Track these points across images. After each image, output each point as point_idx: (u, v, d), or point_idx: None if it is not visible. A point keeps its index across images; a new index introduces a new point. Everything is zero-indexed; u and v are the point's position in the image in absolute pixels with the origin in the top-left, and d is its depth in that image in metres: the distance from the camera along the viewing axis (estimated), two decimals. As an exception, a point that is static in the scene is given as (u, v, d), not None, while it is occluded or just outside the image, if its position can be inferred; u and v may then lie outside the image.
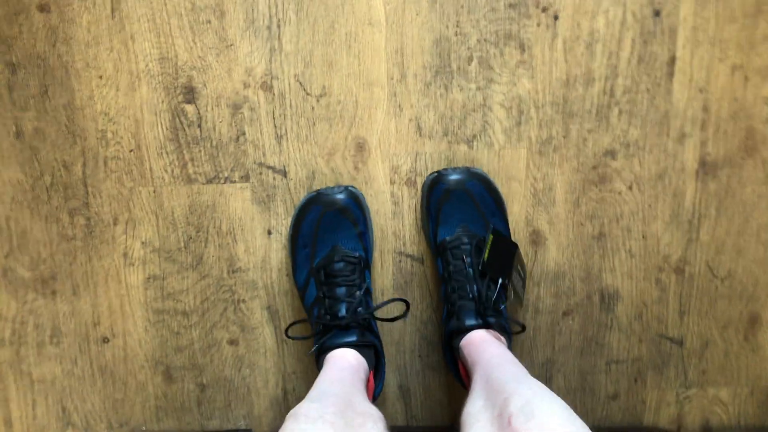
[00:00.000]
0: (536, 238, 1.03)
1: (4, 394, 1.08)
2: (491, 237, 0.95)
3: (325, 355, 0.92)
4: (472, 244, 0.95)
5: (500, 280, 0.95)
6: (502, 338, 0.93)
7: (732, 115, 0.98)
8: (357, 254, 0.96)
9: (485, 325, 0.92)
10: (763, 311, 1.07)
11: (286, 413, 1.09)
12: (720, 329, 1.08)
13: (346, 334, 0.92)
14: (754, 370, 1.10)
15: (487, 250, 0.94)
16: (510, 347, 0.94)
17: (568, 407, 0.66)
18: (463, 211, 0.97)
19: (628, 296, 1.06)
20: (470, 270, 0.94)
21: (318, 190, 0.98)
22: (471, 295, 0.94)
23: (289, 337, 0.96)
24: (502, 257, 0.97)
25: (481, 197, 0.97)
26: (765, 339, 1.08)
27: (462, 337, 0.93)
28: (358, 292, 0.94)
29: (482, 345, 0.89)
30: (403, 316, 0.95)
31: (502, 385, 0.73)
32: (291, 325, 0.96)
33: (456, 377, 1.01)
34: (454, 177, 0.97)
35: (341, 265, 0.95)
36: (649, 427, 1.11)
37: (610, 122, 0.98)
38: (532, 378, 0.75)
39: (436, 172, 0.98)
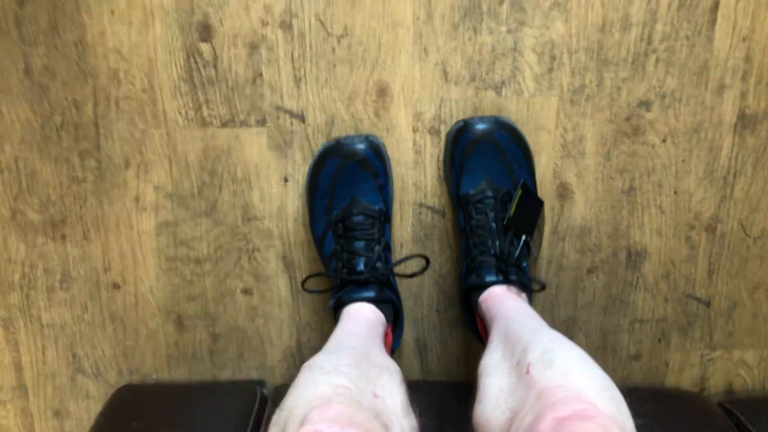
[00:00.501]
0: (563, 192, 0.99)
1: (14, 337, 1.06)
2: (520, 192, 0.91)
3: (342, 309, 0.89)
4: (496, 199, 0.91)
5: (524, 237, 0.91)
6: (523, 294, 0.90)
7: (776, 66, 0.93)
8: (377, 207, 0.93)
9: (506, 282, 0.89)
10: (795, 273, 1.03)
11: (300, 365, 1.07)
12: (750, 290, 1.04)
13: (365, 289, 0.90)
14: (782, 333, 1.07)
15: (514, 206, 0.91)
16: (530, 304, 0.91)
17: (587, 355, 0.64)
18: (488, 164, 0.93)
19: (656, 254, 1.02)
20: (493, 225, 0.91)
21: (337, 138, 0.94)
22: (492, 251, 0.91)
23: (306, 290, 0.93)
24: (528, 213, 0.93)
25: (508, 149, 0.93)
26: (796, 302, 1.05)
27: (481, 293, 0.90)
28: (377, 247, 0.91)
29: (501, 299, 0.86)
30: (422, 272, 0.92)
31: (520, 336, 0.70)
32: (308, 278, 0.93)
33: (473, 332, 0.98)
34: (481, 127, 0.92)
35: (360, 218, 0.91)
36: (672, 387, 1.08)
37: (646, 71, 0.93)
38: (551, 328, 0.73)
39: (463, 120, 0.93)
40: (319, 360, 0.68)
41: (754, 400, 1.06)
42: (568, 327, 1.06)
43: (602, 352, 1.07)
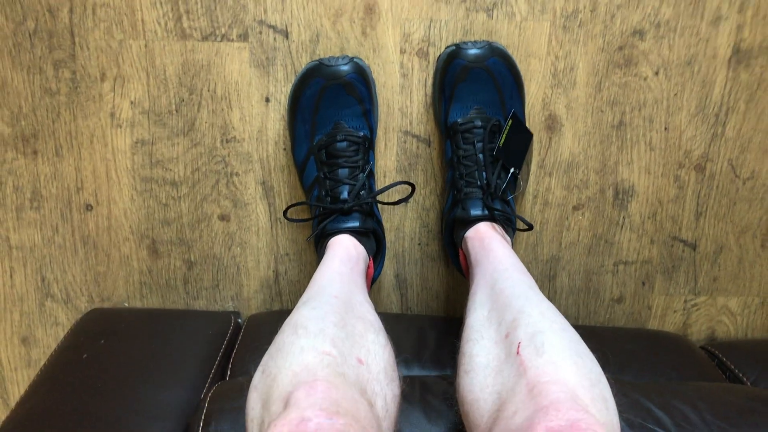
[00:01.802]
0: (552, 124, 0.96)
1: (-20, 258, 1.03)
2: (510, 122, 0.88)
3: (325, 241, 0.87)
4: (485, 129, 0.88)
5: (512, 170, 0.89)
6: (507, 236, 0.87)
7: (774, -2, 0.91)
8: (361, 133, 0.89)
9: (491, 218, 0.87)
10: (783, 217, 1.02)
11: (277, 296, 1.06)
12: (737, 234, 1.02)
13: (348, 219, 0.87)
14: (767, 279, 1.05)
15: (504, 136, 0.88)
16: (512, 243, 0.89)
17: (578, 338, 0.62)
18: (480, 92, 0.90)
19: (643, 193, 1.00)
20: (481, 156, 0.88)
21: (320, 59, 0.90)
22: (479, 183, 0.88)
23: (288, 219, 0.90)
24: (517, 145, 0.91)
25: (501, 76, 0.90)
26: (782, 247, 1.03)
27: (467, 229, 0.87)
28: (361, 174, 0.88)
29: (488, 241, 0.83)
30: (407, 199, 0.90)
31: (509, 300, 0.68)
32: (289, 207, 0.90)
33: (456, 266, 0.96)
34: (474, 52, 0.89)
35: (344, 144, 0.88)
36: (657, 330, 1.06)
37: (641, -2, 0.91)
38: (540, 294, 0.70)
39: (455, 44, 0.90)
40: (303, 317, 0.64)
41: (736, 343, 1.04)
42: (551, 266, 1.04)
43: (585, 294, 1.05)
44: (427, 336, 0.95)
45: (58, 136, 0.97)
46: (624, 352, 0.94)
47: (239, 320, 1.02)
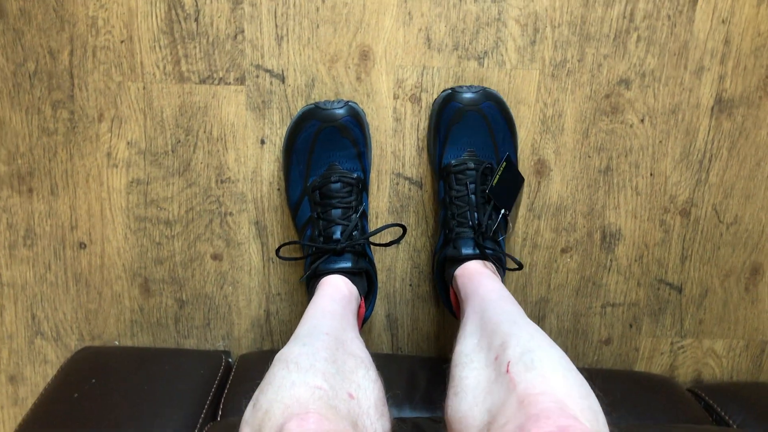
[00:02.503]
0: (541, 168, 0.99)
1: (-29, 295, 1.03)
2: (504, 164, 0.91)
3: (317, 281, 0.88)
4: (478, 171, 0.90)
5: (503, 211, 0.91)
6: (497, 274, 0.89)
7: (754, 51, 0.94)
8: (355, 175, 0.91)
9: (482, 256, 0.88)
10: (766, 261, 1.04)
11: (268, 336, 1.06)
12: (721, 278, 1.05)
13: (340, 259, 0.88)
14: (752, 322, 1.07)
15: (497, 176, 0.90)
16: (504, 283, 0.90)
17: (566, 357, 0.63)
18: (473, 135, 0.92)
19: (630, 236, 1.02)
20: (473, 197, 0.90)
21: (316, 102, 0.92)
22: (470, 223, 0.90)
23: (280, 257, 0.91)
24: (509, 187, 0.93)
25: (494, 121, 0.92)
26: (765, 291, 1.06)
27: (457, 266, 0.89)
28: (354, 215, 0.90)
29: (478, 277, 0.85)
30: (398, 240, 0.91)
31: (498, 326, 0.69)
32: (282, 245, 0.91)
33: (446, 305, 0.97)
34: (469, 96, 0.91)
35: (338, 185, 0.90)
36: (645, 372, 1.07)
37: (627, 48, 0.94)
38: (528, 320, 0.71)
39: (451, 88, 0.93)
40: (294, 353, 0.65)
41: (722, 386, 1.05)
42: (540, 308, 1.05)
43: (573, 335, 1.07)
44: (418, 377, 0.96)
45: (54, 175, 0.98)
46: (612, 394, 0.93)
47: (230, 360, 1.02)
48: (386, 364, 0.86)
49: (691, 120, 0.97)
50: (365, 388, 0.66)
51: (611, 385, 0.97)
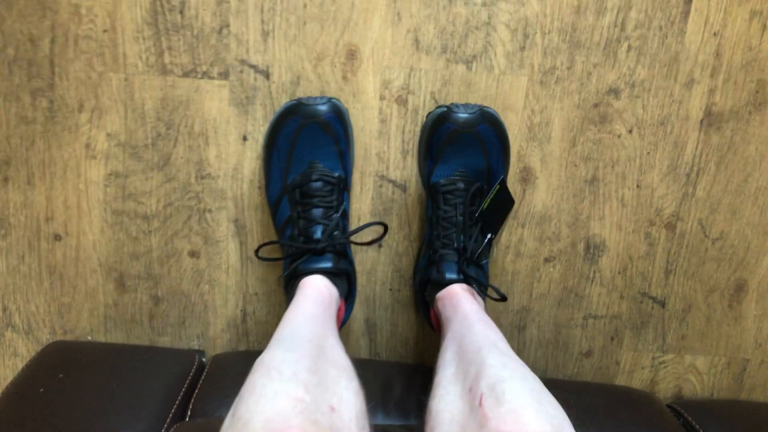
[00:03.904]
0: (526, 176, 0.97)
1: (-59, 284, 1.00)
2: (497, 187, 0.89)
3: (297, 282, 0.86)
4: (468, 191, 0.89)
5: (489, 235, 0.90)
6: (479, 298, 0.88)
7: (744, 65, 0.93)
8: (336, 174, 0.90)
9: (465, 281, 0.87)
10: (750, 279, 1.03)
11: (244, 336, 1.04)
12: (705, 293, 1.03)
13: (321, 259, 0.86)
14: (734, 340, 1.06)
15: (489, 200, 0.89)
16: (484, 309, 0.88)
17: (539, 386, 0.62)
18: (467, 157, 0.90)
19: (614, 248, 1.01)
20: (460, 219, 0.89)
21: (299, 98, 0.90)
22: (455, 245, 0.89)
23: (260, 258, 0.90)
24: (498, 211, 0.91)
25: (490, 144, 0.90)
26: (749, 308, 1.04)
27: (440, 289, 0.88)
28: (335, 215, 0.88)
29: (457, 300, 0.84)
30: (379, 239, 0.89)
31: (474, 354, 0.68)
32: (261, 246, 0.89)
33: (426, 320, 0.96)
34: (465, 116, 0.88)
35: (319, 184, 0.89)
36: (624, 386, 1.06)
37: (617, 58, 0.93)
38: (505, 347, 0.70)
39: (446, 106, 0.90)
40: (276, 359, 0.63)
41: (702, 403, 1.04)
42: (521, 317, 1.04)
43: (554, 347, 1.05)
44: (394, 383, 0.94)
45: (30, 165, 0.96)
46: (588, 406, 0.93)
47: (203, 359, 1.00)
48: (363, 370, 0.84)
49: (679, 132, 0.96)
50: (347, 400, 0.64)
51: (589, 398, 0.96)
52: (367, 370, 0.96)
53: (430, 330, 1.03)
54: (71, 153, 0.95)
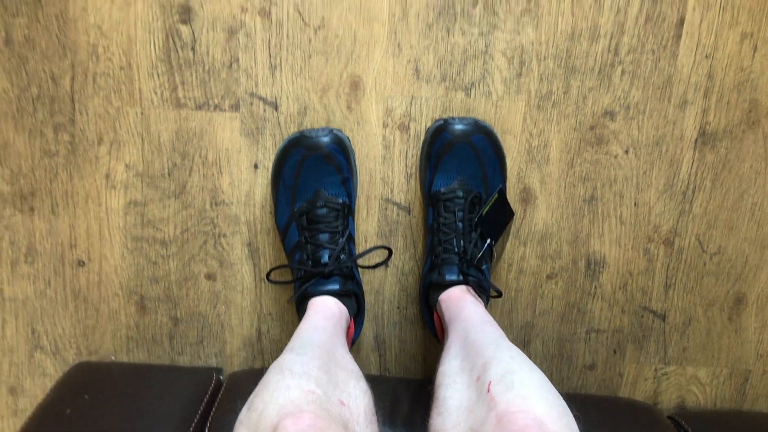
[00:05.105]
0: (526, 196, 1.01)
1: (-27, 309, 1.06)
2: (496, 195, 0.93)
3: (306, 302, 0.90)
4: (466, 199, 0.93)
5: (489, 240, 0.93)
6: (480, 299, 0.91)
7: (737, 86, 0.96)
8: (340, 200, 0.94)
9: (465, 282, 0.91)
10: (749, 292, 1.05)
11: (260, 354, 1.09)
12: (704, 307, 1.06)
13: (328, 281, 0.91)
14: (735, 352, 1.08)
15: (488, 206, 0.93)
16: (487, 309, 0.92)
17: (546, 378, 0.65)
18: (463, 165, 0.95)
19: (614, 264, 1.04)
20: (460, 225, 0.93)
21: (302, 130, 0.95)
22: (456, 250, 0.92)
23: (270, 281, 0.95)
24: (497, 220, 0.95)
25: (485, 153, 0.95)
26: (749, 321, 1.07)
27: (441, 291, 0.91)
28: (340, 239, 0.92)
29: (461, 302, 0.88)
30: (385, 262, 0.94)
31: (481, 348, 0.71)
32: (272, 269, 0.94)
33: (430, 329, 0.99)
34: (460, 127, 0.93)
35: (324, 211, 0.93)
36: (624, 398, 1.09)
37: (612, 81, 0.96)
38: (510, 343, 0.74)
39: (443, 119, 0.95)
40: (288, 361, 0.68)
41: (704, 414, 1.07)
42: (525, 332, 1.07)
43: (558, 360, 1.09)
44: (401, 399, 0.98)
45: (54, 195, 1.01)
46: (592, 419, 0.96)
47: (221, 377, 1.05)
48: (372, 385, 0.88)
49: (674, 152, 0.99)
50: (356, 396, 0.69)
51: (592, 410, 0.98)
52: (376, 385, 0.99)
53: (436, 345, 1.07)
54: (92, 183, 1.01)
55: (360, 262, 0.96)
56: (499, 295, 0.92)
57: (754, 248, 1.03)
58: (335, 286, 0.91)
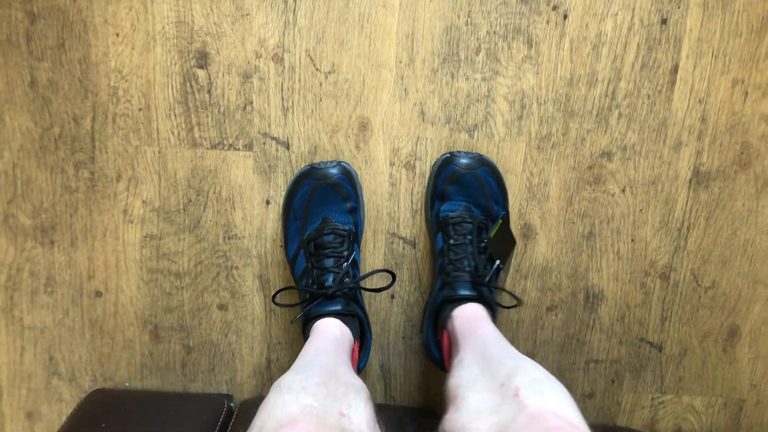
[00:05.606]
0: (527, 232, 1.05)
1: (-6, 337, 1.10)
2: (501, 222, 0.97)
3: (311, 324, 0.94)
4: (474, 224, 0.97)
5: (497, 262, 0.96)
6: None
7: (729, 129, 1.00)
8: (347, 227, 0.98)
9: (479, 298, 0.94)
10: (743, 325, 1.09)
11: (269, 382, 1.12)
12: (700, 338, 1.10)
13: (332, 303, 0.94)
14: (729, 382, 1.12)
15: (495, 230, 0.96)
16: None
17: (569, 392, 0.67)
18: (469, 194, 0.99)
19: (612, 297, 1.08)
20: (470, 247, 0.96)
21: (311, 164, 1.00)
22: (468, 268, 0.95)
23: (276, 303, 0.98)
24: (503, 245, 0.99)
25: (488, 185, 0.99)
26: (742, 352, 1.10)
27: (454, 307, 0.94)
28: (345, 264, 0.96)
29: (476, 321, 0.90)
30: (388, 287, 0.97)
31: (503, 360, 0.73)
32: (279, 291, 0.98)
33: (434, 353, 1.01)
34: (465, 161, 0.98)
35: (330, 237, 0.97)
36: (625, 427, 1.13)
37: (609, 124, 1.00)
38: (530, 359, 0.76)
39: (449, 153, 1.00)
40: (287, 380, 0.71)
41: (698, 443, 1.10)
42: (526, 362, 1.11)
43: (558, 389, 1.12)
44: (407, 427, 1.01)
45: (74, 229, 1.05)
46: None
47: (231, 404, 1.09)
48: (376, 414, 0.92)
49: (670, 191, 1.03)
50: (356, 407, 0.70)
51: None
52: (381, 413, 1.03)
53: (440, 374, 1.10)
54: (110, 218, 1.05)
55: (363, 284, 0.99)
56: (519, 303, 0.95)
57: (747, 282, 1.07)
58: (338, 307, 0.94)
